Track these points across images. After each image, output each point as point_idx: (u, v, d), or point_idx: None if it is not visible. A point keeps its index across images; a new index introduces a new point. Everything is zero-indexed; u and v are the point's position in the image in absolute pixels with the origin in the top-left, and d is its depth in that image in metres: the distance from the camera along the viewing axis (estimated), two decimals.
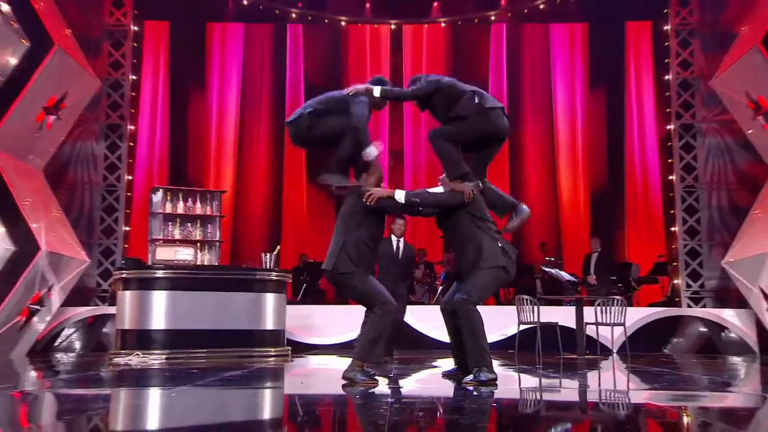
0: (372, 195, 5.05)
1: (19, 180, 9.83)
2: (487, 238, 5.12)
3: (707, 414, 4.36)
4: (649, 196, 13.06)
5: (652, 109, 13.04)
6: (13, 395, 5.24)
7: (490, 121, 5.28)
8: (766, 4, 10.07)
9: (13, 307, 9.45)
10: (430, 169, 12.68)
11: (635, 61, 13.45)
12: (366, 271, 5.24)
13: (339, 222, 5.31)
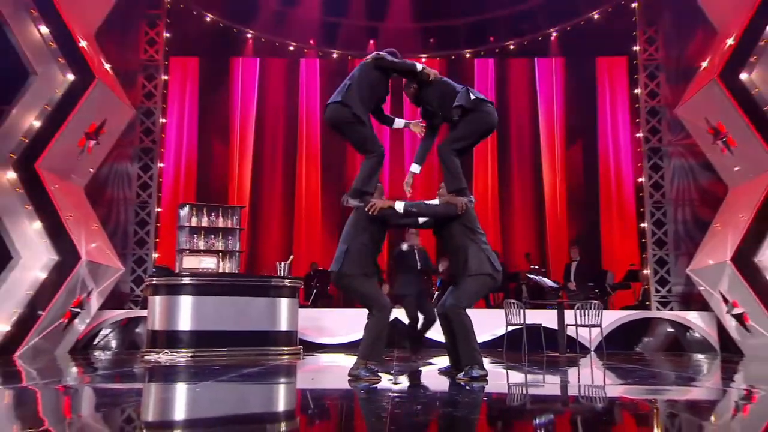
0: (374, 205, 5.04)
1: (63, 197, 9.89)
2: (476, 248, 5.10)
3: (674, 406, 4.34)
4: (623, 211, 13.08)
5: (627, 134, 13.08)
6: (57, 389, 5.24)
7: (488, 113, 5.22)
8: (724, 44, 10.13)
9: (57, 310, 9.48)
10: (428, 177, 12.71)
11: (610, 91, 13.53)
12: (367, 275, 5.22)
13: (345, 229, 5.30)
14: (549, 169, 13.69)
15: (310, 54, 14.04)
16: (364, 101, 5.11)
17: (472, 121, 5.19)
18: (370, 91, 5.15)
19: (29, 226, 9.44)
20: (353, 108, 5.04)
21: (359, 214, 5.17)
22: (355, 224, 5.21)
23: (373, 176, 5.23)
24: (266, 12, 13.37)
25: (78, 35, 10.08)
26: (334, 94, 5.22)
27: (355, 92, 5.08)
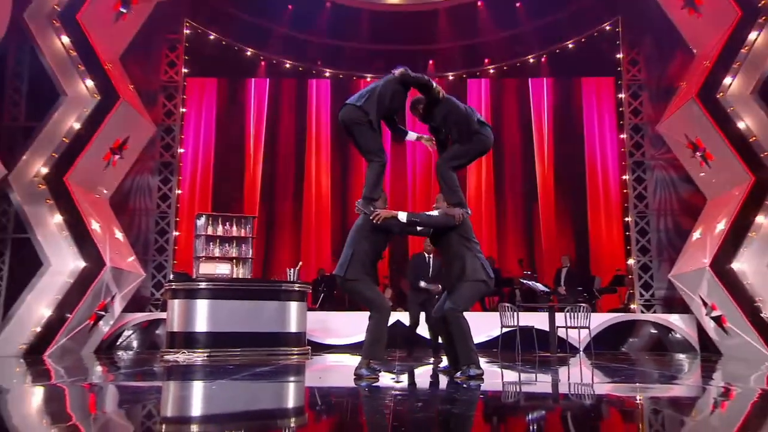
0: (378, 215, 5.05)
1: (90, 208, 9.94)
2: (471, 256, 5.10)
3: (658, 403, 4.34)
4: (609, 220, 13.05)
5: (613, 149, 13.08)
6: (84, 386, 5.26)
7: (486, 135, 5.22)
8: (701, 65, 10.17)
9: (84, 313, 9.49)
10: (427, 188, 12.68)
11: (596, 109, 13.54)
12: (369, 279, 5.22)
13: (350, 233, 5.29)
14: (540, 180, 13.66)
15: (317, 74, 14.07)
16: (381, 110, 5.10)
17: (473, 141, 5.20)
18: (389, 102, 5.14)
19: (58, 235, 9.49)
20: (369, 114, 5.04)
21: (364, 221, 5.17)
22: (360, 230, 5.21)
23: (379, 183, 5.21)
24: (277, 36, 13.41)
25: (104, 58, 10.17)
26: (353, 97, 5.22)
27: (374, 100, 5.07)
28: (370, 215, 5.06)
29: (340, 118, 5.27)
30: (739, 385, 5.50)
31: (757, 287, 9.10)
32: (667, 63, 11.54)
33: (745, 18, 9.65)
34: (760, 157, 9.39)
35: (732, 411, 4.13)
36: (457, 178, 5.32)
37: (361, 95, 5.16)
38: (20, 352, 8.99)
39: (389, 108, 5.18)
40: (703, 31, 10.34)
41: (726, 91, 9.58)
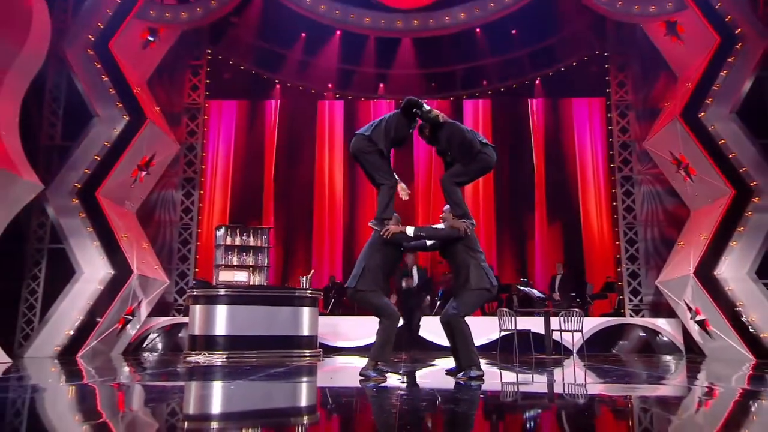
0: (388, 230, 5.06)
1: (119, 220, 10.01)
2: (476, 265, 5.09)
3: (647, 401, 4.31)
4: (600, 231, 13.01)
5: (603, 164, 13.07)
6: (113, 386, 5.26)
7: (488, 155, 5.21)
8: (684, 87, 10.18)
9: (113, 317, 9.53)
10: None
11: (587, 127, 13.54)
12: (379, 290, 5.20)
13: (364, 248, 5.29)
14: (536, 194, 13.66)
15: (328, 96, 14.14)
16: (388, 139, 5.15)
17: (476, 161, 5.20)
18: (394, 133, 5.17)
19: (90, 246, 9.57)
20: (378, 144, 5.10)
21: (376, 236, 5.18)
22: (372, 245, 5.22)
23: (389, 205, 5.21)
24: (292, 61, 13.51)
25: (133, 83, 10.29)
26: (363, 127, 5.27)
27: (382, 130, 5.13)
28: (381, 232, 5.09)
29: (350, 149, 5.31)
30: (722, 385, 5.46)
31: (738, 293, 9.07)
32: (652, 85, 11.58)
33: (724, 44, 9.71)
34: (739, 172, 9.40)
35: (715, 409, 4.11)
36: (461, 192, 5.34)
37: (370, 126, 5.22)
38: (55, 353, 9.04)
39: (395, 138, 5.22)
40: (685, 56, 10.40)
41: (707, 111, 9.61)
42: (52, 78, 10.40)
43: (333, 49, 13.20)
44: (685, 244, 10.07)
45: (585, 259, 13.03)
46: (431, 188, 13.69)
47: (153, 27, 10.67)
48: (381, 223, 5.14)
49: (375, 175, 5.25)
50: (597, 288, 12.26)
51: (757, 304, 8.99)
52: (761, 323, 8.91)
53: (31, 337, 9.42)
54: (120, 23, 10.18)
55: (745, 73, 9.61)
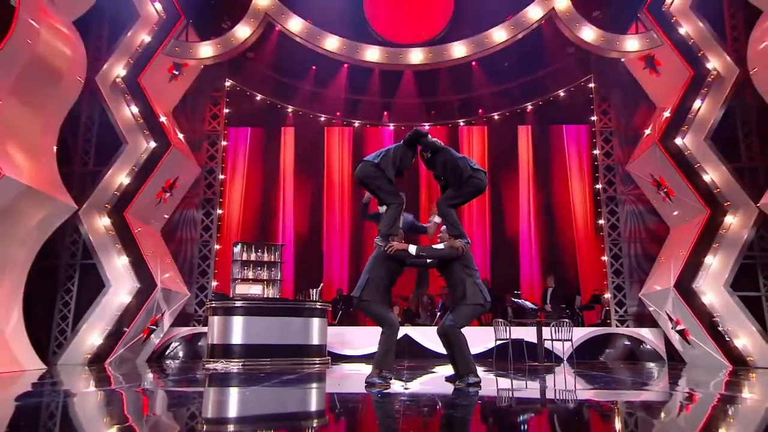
0: (392, 247, 5.08)
1: (144, 238, 10.06)
2: (471, 282, 5.10)
3: (632, 406, 4.30)
4: (589, 247, 12.97)
5: (589, 185, 13.08)
6: (138, 391, 5.28)
7: (480, 179, 5.24)
8: (662, 116, 10.25)
9: (139, 327, 9.55)
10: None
11: (575, 151, 13.58)
12: (382, 301, 5.20)
13: (369, 261, 5.31)
14: (529, 213, 13.66)
15: (336, 123, 14.23)
16: (395, 168, 5.22)
17: (468, 184, 5.24)
18: (400, 163, 5.25)
19: (118, 261, 9.62)
20: (385, 171, 5.16)
21: (380, 251, 5.20)
22: (376, 259, 5.24)
23: (395, 222, 5.26)
24: (303, 92, 13.60)
25: (159, 112, 10.41)
26: (371, 155, 5.32)
27: (390, 159, 5.19)
28: (385, 248, 5.11)
29: (356, 174, 5.34)
30: (701, 391, 5.42)
31: (715, 305, 9.06)
32: (633, 113, 11.63)
33: (697, 77, 9.81)
34: (714, 193, 9.43)
35: (695, 413, 4.09)
36: (456, 214, 5.37)
37: (378, 154, 5.27)
38: (86, 360, 9.06)
39: (401, 167, 5.30)
40: (662, 88, 10.49)
41: (683, 138, 9.66)
42: (87, 109, 10.50)
43: (341, 81, 13.29)
44: (665, 259, 10.06)
45: (574, 273, 13.00)
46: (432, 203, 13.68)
47: (178, 62, 10.83)
48: (386, 239, 5.17)
49: (383, 196, 5.29)
50: (585, 300, 12.21)
51: (732, 315, 8.96)
52: (737, 333, 8.88)
53: (63, 346, 9.41)
54: (149, 59, 10.34)
55: (716, 103, 9.68)
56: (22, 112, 8.01)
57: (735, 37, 10.17)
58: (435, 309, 11.86)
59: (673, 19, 10.00)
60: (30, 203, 7.76)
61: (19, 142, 7.90)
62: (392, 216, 5.24)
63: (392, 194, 5.26)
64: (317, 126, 14.14)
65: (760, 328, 8.99)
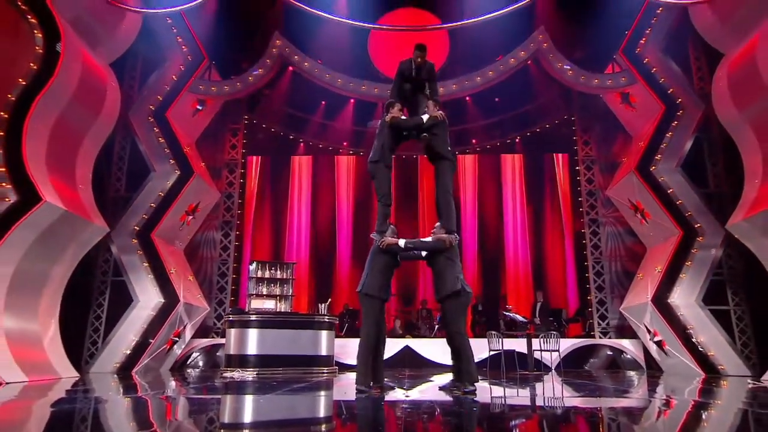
0: (384, 241, 5.22)
1: (169, 257, 10.09)
2: (451, 272, 5.14)
3: (614, 411, 4.29)
4: (573, 265, 12.92)
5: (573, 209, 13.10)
6: (162, 398, 5.28)
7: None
8: (637, 146, 10.34)
9: (163, 339, 9.54)
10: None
11: (559, 178, 13.62)
12: (378, 301, 5.19)
13: (369, 256, 5.42)
14: (520, 234, 13.65)
15: (343, 152, 14.33)
16: (384, 149, 5.60)
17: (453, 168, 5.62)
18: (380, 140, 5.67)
19: (145, 278, 9.64)
20: (374, 157, 5.56)
21: (376, 246, 5.32)
22: (373, 252, 5.37)
23: (384, 221, 5.45)
24: (314, 124, 13.69)
25: (184, 143, 10.52)
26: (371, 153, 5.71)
27: (377, 146, 5.62)
28: (378, 243, 5.23)
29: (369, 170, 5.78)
30: (677, 397, 5.40)
31: (689, 317, 9.04)
32: (611, 143, 11.74)
33: (668, 111, 9.93)
34: (685, 216, 9.48)
35: (673, 417, 4.08)
36: (454, 208, 5.50)
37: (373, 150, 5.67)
38: (115, 368, 9.05)
39: (391, 147, 5.65)
40: (637, 121, 10.61)
41: (657, 166, 9.75)
42: (120, 140, 10.65)
43: (348, 114, 13.42)
44: (643, 276, 10.05)
45: (560, 289, 12.96)
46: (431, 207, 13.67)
47: (202, 98, 10.99)
48: (380, 235, 5.28)
49: (378, 191, 5.58)
50: (571, 313, 12.15)
51: (704, 327, 8.94)
52: (708, 343, 8.83)
53: (95, 356, 9.40)
54: (175, 96, 10.49)
55: (686, 134, 9.80)
56: (63, 145, 8.16)
57: (700, 76, 10.33)
58: (434, 322, 11.81)
59: (645, 60, 10.17)
60: (67, 226, 7.85)
61: (59, 171, 8.03)
62: (380, 215, 5.46)
63: (383, 193, 5.54)
64: (326, 155, 14.22)
65: (729, 339, 8.98)
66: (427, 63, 5.94)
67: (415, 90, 6.05)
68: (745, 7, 8.12)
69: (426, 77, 5.95)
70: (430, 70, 5.95)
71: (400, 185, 13.34)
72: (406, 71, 5.92)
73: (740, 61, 8.28)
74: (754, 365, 8.79)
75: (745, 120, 8.25)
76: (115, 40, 9.32)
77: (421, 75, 5.93)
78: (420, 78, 5.96)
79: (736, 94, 8.34)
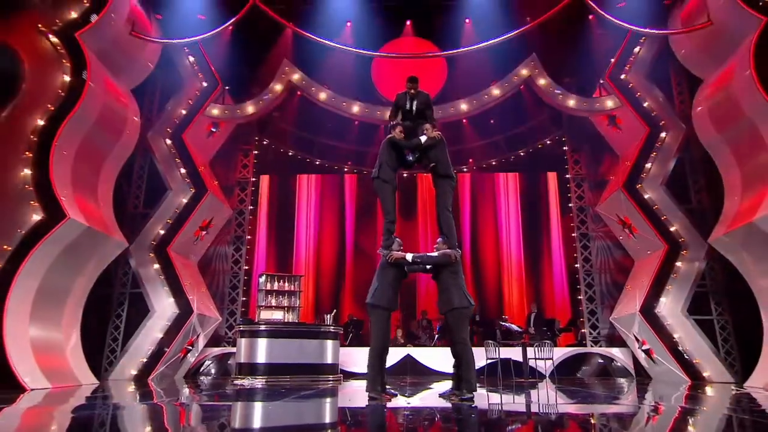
0: (392, 255, 5.23)
1: (184, 270, 10.12)
2: (456, 286, 5.13)
3: (605, 417, 4.28)
4: (565, 277, 12.90)
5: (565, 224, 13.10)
6: (176, 405, 5.27)
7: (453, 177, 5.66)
8: (624, 165, 10.41)
9: (177, 348, 9.52)
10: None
11: (552, 195, 13.64)
12: (385, 312, 5.17)
13: (377, 270, 5.40)
14: (515, 248, 13.67)
15: (348, 171, 14.42)
16: (387, 166, 5.59)
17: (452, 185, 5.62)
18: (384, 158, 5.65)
19: (162, 290, 9.67)
20: (378, 173, 5.55)
21: (383, 261, 5.32)
22: (382, 266, 5.35)
23: (389, 236, 5.44)
24: (320, 145, 13.76)
25: (198, 163, 10.62)
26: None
27: (378, 165, 5.60)
28: (386, 257, 5.24)
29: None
30: (665, 403, 5.38)
31: (675, 327, 9.02)
32: (600, 163, 11.80)
33: (652, 133, 10.03)
34: (670, 231, 9.52)
35: (661, 422, 4.07)
36: (454, 224, 5.49)
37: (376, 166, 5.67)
38: (132, 376, 9.05)
39: (388, 163, 5.61)
40: (624, 141, 10.70)
41: (643, 184, 9.81)
42: (139, 161, 10.75)
43: (352, 136, 13.50)
44: (631, 288, 10.04)
45: (553, 300, 12.92)
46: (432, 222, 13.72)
47: (215, 121, 11.12)
48: (387, 250, 5.32)
49: (383, 208, 5.60)
50: (564, 323, 12.08)
51: (689, 336, 8.92)
52: (694, 352, 8.80)
53: (114, 363, 9.40)
54: (191, 119, 10.63)
55: (669, 154, 9.88)
56: (87, 165, 8.27)
57: (681, 100, 10.44)
58: (434, 332, 11.78)
59: (629, 85, 10.29)
60: (90, 241, 7.92)
61: (82, 189, 8.13)
62: (386, 230, 5.46)
63: (386, 210, 5.51)
64: (331, 174, 14.28)
65: (713, 347, 8.95)
66: (421, 93, 5.93)
67: (414, 122, 6.03)
68: (720, 38, 8.26)
69: (422, 107, 5.93)
70: (425, 100, 5.94)
71: (401, 202, 13.39)
72: (402, 103, 5.90)
73: (718, 86, 8.39)
74: (737, 372, 8.75)
75: (724, 141, 8.33)
76: (136, 68, 9.50)
77: (415, 106, 5.90)
78: (415, 109, 5.92)
79: (714, 117, 8.43)
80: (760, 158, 7.62)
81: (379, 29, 11.53)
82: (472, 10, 11.11)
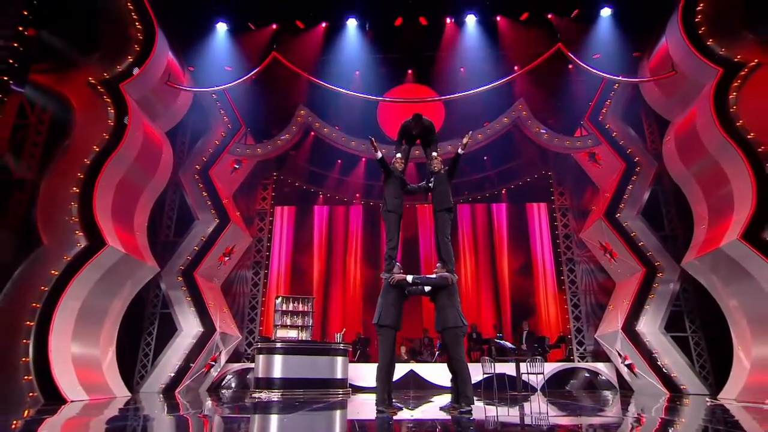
0: (394, 278, 5.25)
1: (208, 292, 10.17)
2: (452, 308, 5.13)
3: (593, 427, 4.26)
4: (554, 298, 12.82)
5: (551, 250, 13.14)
6: (200, 416, 5.27)
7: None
8: (604, 197, 10.52)
9: (201, 363, 9.50)
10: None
11: (539, 224, 13.69)
12: (391, 331, 5.14)
13: (381, 293, 5.41)
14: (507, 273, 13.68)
15: (356, 203, 14.57)
16: (391, 198, 5.75)
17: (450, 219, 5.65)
18: (387, 190, 5.83)
19: (188, 310, 9.70)
20: (390, 208, 5.67)
21: (386, 284, 5.36)
22: (385, 289, 5.37)
23: (390, 262, 5.49)
24: (331, 179, 13.95)
25: (223, 196, 10.78)
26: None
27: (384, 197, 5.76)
28: (388, 281, 5.30)
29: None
30: (647, 414, 5.34)
31: (654, 343, 8.95)
32: (582, 194, 11.92)
33: (628, 168, 10.18)
34: (647, 255, 9.54)
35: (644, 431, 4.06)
36: (452, 249, 5.53)
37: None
38: (161, 389, 9.01)
39: (393, 195, 5.75)
40: (603, 175, 10.83)
41: (621, 213, 9.90)
42: (170, 194, 10.95)
43: (360, 171, 13.73)
44: (613, 307, 10.01)
45: (543, 319, 12.83)
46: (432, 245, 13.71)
47: (239, 159, 11.36)
48: (389, 274, 5.38)
49: (387, 235, 5.67)
50: (553, 340, 11.95)
51: (667, 352, 8.85)
52: (671, 366, 8.71)
53: (144, 377, 9.37)
54: (217, 157, 10.88)
55: (644, 187, 10.01)
56: (125, 198, 8.47)
57: (652, 139, 10.62)
58: (434, 349, 11.69)
59: (606, 126, 10.52)
60: (126, 266, 8.04)
61: (121, 220, 8.30)
62: (387, 256, 5.53)
63: (388, 238, 5.60)
64: (341, 205, 14.42)
65: (689, 362, 8.87)
66: (425, 120, 6.10)
67: (423, 144, 6.22)
68: (684, 85, 8.51)
69: (425, 131, 6.09)
70: (429, 126, 6.13)
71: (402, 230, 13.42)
72: (409, 128, 6.10)
73: (684, 127, 8.58)
74: (711, 385, 8.65)
75: (691, 175, 8.46)
76: (170, 113, 9.81)
77: (420, 127, 6.06)
78: (421, 129, 6.08)
79: (682, 153, 8.59)
80: (724, 190, 7.74)
81: (384, 77, 11.85)
82: (467, 60, 11.46)
